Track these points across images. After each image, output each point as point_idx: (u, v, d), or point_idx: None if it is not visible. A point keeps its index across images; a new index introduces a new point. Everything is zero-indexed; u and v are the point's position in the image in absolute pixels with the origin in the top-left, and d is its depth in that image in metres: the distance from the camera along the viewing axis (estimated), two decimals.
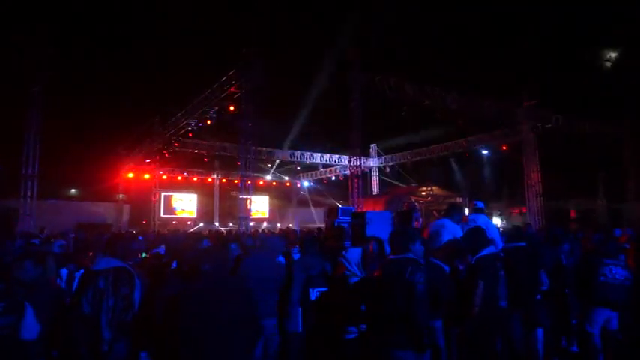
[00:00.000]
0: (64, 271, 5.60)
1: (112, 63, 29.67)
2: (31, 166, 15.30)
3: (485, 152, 22.15)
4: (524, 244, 4.80)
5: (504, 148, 20.82)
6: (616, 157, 21.59)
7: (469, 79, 23.46)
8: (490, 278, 3.91)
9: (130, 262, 3.42)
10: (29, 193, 15.32)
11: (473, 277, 3.90)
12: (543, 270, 4.87)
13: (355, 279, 4.70)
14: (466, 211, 7.04)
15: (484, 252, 4.09)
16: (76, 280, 5.39)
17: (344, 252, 4.71)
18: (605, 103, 21.49)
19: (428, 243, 4.44)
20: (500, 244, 5.02)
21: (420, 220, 16.55)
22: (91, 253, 5.77)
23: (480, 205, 5.61)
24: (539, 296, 4.90)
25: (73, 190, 30.60)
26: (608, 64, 20.28)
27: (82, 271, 5.33)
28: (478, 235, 4.26)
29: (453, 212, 5.08)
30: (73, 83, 24.27)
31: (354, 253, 4.57)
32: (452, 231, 4.67)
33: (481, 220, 5.35)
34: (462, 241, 4.30)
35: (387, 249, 4.80)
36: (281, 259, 5.22)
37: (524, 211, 20.77)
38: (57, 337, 3.33)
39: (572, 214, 23.78)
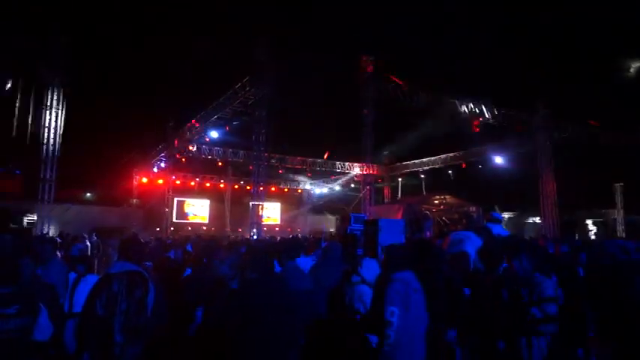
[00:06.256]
0: (72, 275, 5.61)
1: (128, 68, 30.11)
2: (48, 170, 15.57)
3: (499, 161, 21.89)
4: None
5: (519, 157, 20.59)
6: (633, 167, 21.19)
7: (484, 87, 23.29)
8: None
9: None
10: (46, 197, 15.58)
11: (498, 288, 3.85)
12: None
13: (363, 286, 4.68)
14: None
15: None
16: (80, 285, 5.40)
17: (360, 268, 4.67)
18: (622, 113, 21.16)
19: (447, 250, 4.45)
20: None
21: (432, 229, 16.37)
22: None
23: (497, 215, 5.66)
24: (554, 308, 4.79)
25: (87, 195, 30.99)
26: (629, 73, 19.96)
27: (89, 276, 5.36)
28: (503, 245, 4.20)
29: (480, 229, 5.00)
30: (89, 89, 24.70)
31: (372, 270, 4.54)
32: (476, 244, 4.61)
33: (496, 229, 5.33)
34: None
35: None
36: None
37: None
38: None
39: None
